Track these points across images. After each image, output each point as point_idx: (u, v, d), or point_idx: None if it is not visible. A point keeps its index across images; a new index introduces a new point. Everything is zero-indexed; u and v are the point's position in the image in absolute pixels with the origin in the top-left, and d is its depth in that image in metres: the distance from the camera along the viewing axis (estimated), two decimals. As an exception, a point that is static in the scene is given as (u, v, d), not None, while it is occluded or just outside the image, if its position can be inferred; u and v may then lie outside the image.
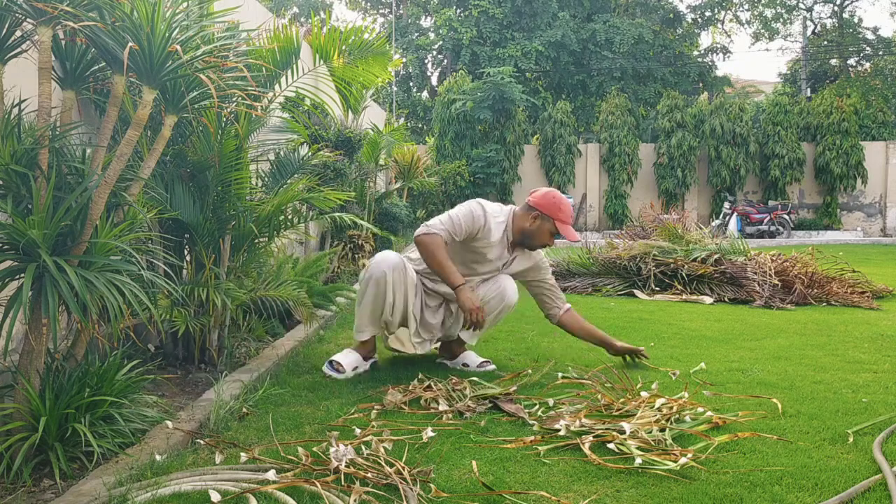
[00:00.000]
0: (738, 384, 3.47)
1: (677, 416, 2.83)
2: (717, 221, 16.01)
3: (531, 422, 2.84)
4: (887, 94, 23.36)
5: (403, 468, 2.31)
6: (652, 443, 2.54)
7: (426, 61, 25.92)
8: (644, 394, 3.08)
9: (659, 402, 2.93)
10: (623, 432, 2.62)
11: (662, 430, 2.67)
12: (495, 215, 3.69)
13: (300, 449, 2.49)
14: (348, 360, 3.69)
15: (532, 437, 2.67)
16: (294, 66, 4.16)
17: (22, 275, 2.23)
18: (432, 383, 3.37)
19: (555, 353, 4.16)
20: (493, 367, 3.80)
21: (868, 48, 26.12)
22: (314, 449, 2.53)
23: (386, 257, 3.69)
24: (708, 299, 6.35)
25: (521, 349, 4.30)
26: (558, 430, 2.71)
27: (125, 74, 2.52)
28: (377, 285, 3.62)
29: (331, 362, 3.68)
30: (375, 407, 3.06)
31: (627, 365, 3.81)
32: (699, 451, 2.49)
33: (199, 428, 2.76)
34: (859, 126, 18.29)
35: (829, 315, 5.62)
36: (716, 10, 26.72)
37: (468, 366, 3.82)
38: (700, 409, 2.92)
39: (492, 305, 3.74)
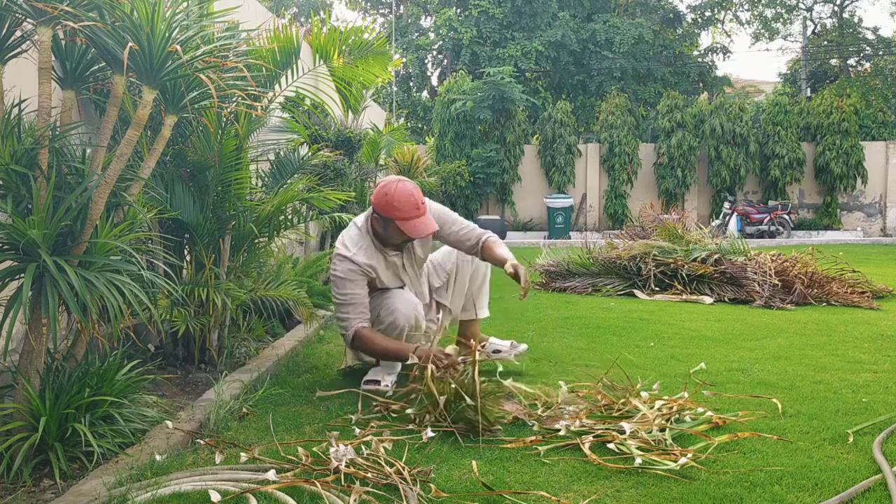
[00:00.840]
0: (738, 384, 3.47)
1: (677, 416, 2.83)
2: (717, 221, 16.01)
3: (531, 422, 2.84)
4: (887, 94, 23.36)
5: (403, 468, 2.31)
6: (652, 443, 2.54)
7: (426, 61, 25.92)
8: (644, 394, 3.07)
9: (658, 403, 2.92)
10: (623, 432, 2.62)
11: (662, 430, 2.67)
12: (355, 246, 3.41)
13: (300, 449, 2.49)
14: (389, 378, 3.44)
15: (532, 437, 2.67)
16: (294, 66, 4.16)
17: (22, 275, 2.23)
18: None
19: (554, 352, 4.16)
20: (524, 346, 3.86)
21: (868, 48, 26.12)
22: (314, 449, 2.53)
23: (404, 307, 3.43)
24: (708, 299, 6.35)
25: (521, 349, 4.30)
26: (558, 430, 2.71)
27: (125, 74, 2.52)
28: (406, 331, 3.43)
29: (373, 381, 3.42)
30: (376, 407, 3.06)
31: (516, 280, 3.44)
32: (699, 451, 2.50)
33: (199, 428, 2.76)
34: (859, 126, 18.28)
35: (829, 315, 5.62)
36: (716, 10, 26.71)
37: (500, 351, 3.83)
38: (700, 410, 2.92)
39: (462, 284, 3.74)
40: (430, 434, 2.69)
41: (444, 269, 3.80)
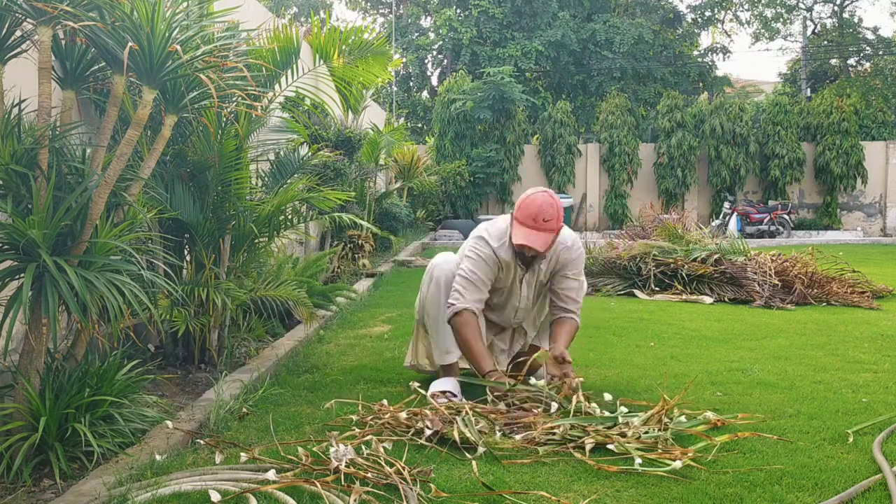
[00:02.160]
0: (738, 384, 3.47)
1: (680, 416, 2.82)
2: (717, 221, 15.99)
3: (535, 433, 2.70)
4: (887, 94, 23.35)
5: (403, 468, 2.31)
6: (652, 443, 2.54)
7: (426, 61, 25.90)
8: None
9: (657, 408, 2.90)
10: (624, 434, 2.60)
11: (665, 429, 2.66)
12: (502, 239, 3.30)
13: (300, 449, 2.49)
14: (454, 386, 3.25)
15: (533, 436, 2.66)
16: (294, 66, 4.16)
17: (22, 275, 2.23)
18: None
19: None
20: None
21: (868, 48, 26.11)
22: (314, 449, 2.53)
23: (450, 259, 3.40)
24: (708, 299, 6.35)
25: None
26: (555, 434, 2.67)
27: (125, 74, 2.52)
28: (444, 284, 3.33)
29: (443, 393, 3.19)
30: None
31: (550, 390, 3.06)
32: (700, 451, 2.49)
33: (199, 428, 2.76)
34: (859, 126, 18.27)
35: (829, 315, 5.62)
36: (716, 10, 26.70)
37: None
38: (703, 415, 2.91)
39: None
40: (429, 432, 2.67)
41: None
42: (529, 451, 2.55)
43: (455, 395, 3.15)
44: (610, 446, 2.54)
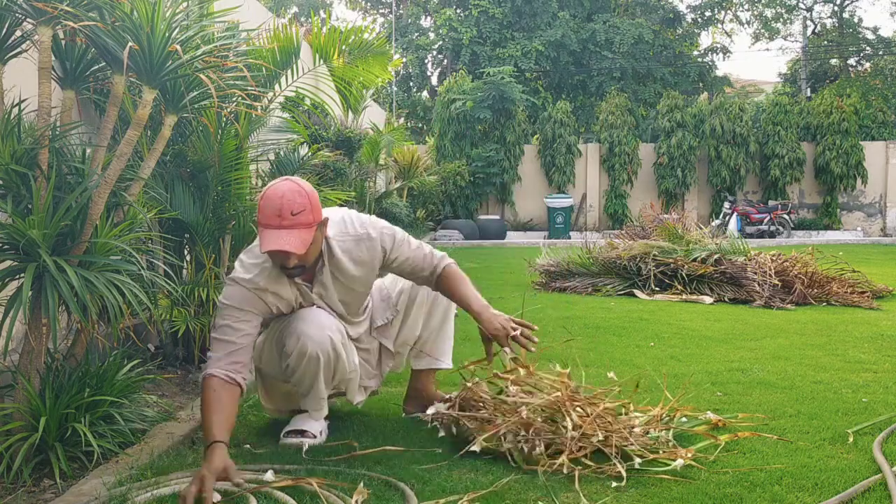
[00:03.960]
0: (738, 384, 3.47)
1: (681, 417, 2.82)
2: (717, 221, 16.00)
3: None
4: (887, 94, 23.35)
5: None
6: (654, 443, 2.53)
7: (426, 61, 25.91)
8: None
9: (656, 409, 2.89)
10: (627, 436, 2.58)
11: (667, 430, 2.65)
12: (255, 266, 2.53)
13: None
14: (317, 426, 2.71)
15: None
16: (294, 66, 4.16)
17: (22, 275, 2.23)
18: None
19: (554, 352, 4.14)
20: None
21: (868, 48, 26.12)
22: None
23: (316, 332, 2.56)
24: (708, 299, 6.35)
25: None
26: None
27: (125, 74, 2.52)
28: (329, 358, 2.60)
29: (297, 431, 2.68)
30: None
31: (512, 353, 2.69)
32: (702, 451, 2.49)
33: (199, 428, 2.76)
34: (859, 126, 18.27)
35: (829, 315, 5.62)
36: (716, 10, 26.71)
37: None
38: (704, 415, 2.91)
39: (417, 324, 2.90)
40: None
41: (390, 302, 2.91)
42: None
43: (305, 433, 2.65)
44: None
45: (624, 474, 2.28)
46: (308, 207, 2.42)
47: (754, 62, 73.40)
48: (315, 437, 2.65)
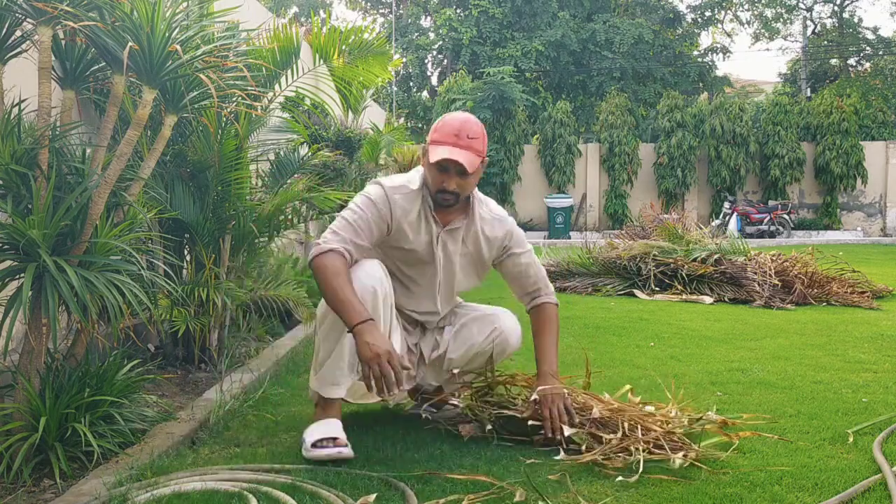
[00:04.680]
0: (738, 384, 3.47)
1: (683, 418, 2.81)
2: (717, 221, 16.00)
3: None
4: (887, 94, 23.36)
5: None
6: (667, 439, 2.52)
7: (426, 61, 25.91)
8: (649, 408, 2.97)
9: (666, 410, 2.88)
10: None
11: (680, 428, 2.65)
12: (403, 186, 2.58)
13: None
14: (338, 430, 2.51)
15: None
16: (294, 66, 4.16)
17: (22, 275, 2.23)
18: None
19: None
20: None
21: (868, 48, 26.12)
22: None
23: (370, 269, 2.51)
24: (708, 299, 6.35)
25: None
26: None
27: (125, 74, 2.52)
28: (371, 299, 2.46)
29: (320, 442, 2.45)
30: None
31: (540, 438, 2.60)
32: (717, 448, 2.49)
33: (199, 428, 2.76)
34: (859, 126, 18.28)
35: (829, 315, 5.62)
36: (716, 10, 26.71)
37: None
38: (706, 415, 2.90)
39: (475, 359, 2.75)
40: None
41: (456, 329, 2.80)
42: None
43: (343, 446, 2.43)
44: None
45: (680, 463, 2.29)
46: (482, 137, 2.55)
47: (754, 62, 73.42)
48: (347, 444, 2.44)
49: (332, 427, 2.48)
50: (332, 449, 2.41)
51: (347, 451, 2.42)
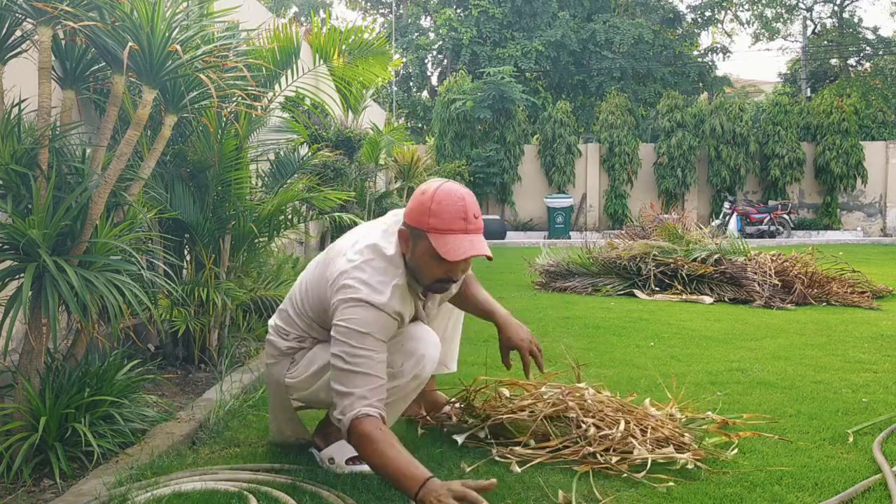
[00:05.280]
0: (738, 384, 3.47)
1: (682, 417, 2.82)
2: (717, 221, 16.00)
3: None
4: (887, 94, 23.35)
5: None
6: (674, 441, 2.52)
7: (426, 61, 25.91)
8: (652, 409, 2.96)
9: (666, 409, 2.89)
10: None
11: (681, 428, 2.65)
12: (385, 286, 2.19)
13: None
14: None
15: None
16: (294, 66, 4.16)
17: (22, 275, 2.23)
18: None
19: (555, 352, 4.15)
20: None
21: (868, 48, 26.12)
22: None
23: (434, 351, 2.37)
24: (708, 299, 6.35)
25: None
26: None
27: (125, 74, 2.52)
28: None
29: (354, 459, 2.39)
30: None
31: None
32: (718, 447, 2.49)
33: (199, 428, 2.76)
34: (859, 126, 18.28)
35: (829, 315, 5.62)
36: (716, 10, 26.71)
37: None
38: (706, 415, 2.91)
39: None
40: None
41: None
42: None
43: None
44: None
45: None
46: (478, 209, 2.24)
47: (754, 62, 73.39)
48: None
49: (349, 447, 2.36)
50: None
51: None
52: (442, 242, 2.12)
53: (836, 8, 26.72)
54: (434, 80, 26.27)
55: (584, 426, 2.56)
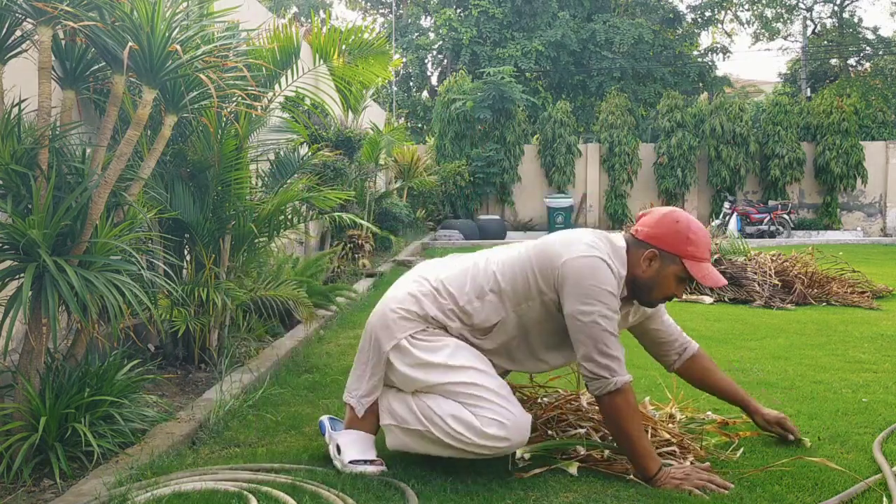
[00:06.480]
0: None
1: (682, 417, 2.82)
2: (718, 221, 15.99)
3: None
4: (887, 94, 23.35)
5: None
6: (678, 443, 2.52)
7: (426, 61, 25.90)
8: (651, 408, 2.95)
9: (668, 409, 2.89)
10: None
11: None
12: (619, 271, 2.37)
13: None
14: (373, 449, 2.45)
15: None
16: (294, 66, 4.16)
17: (22, 275, 2.23)
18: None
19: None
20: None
21: (868, 48, 26.12)
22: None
23: (524, 429, 2.31)
24: (708, 299, 6.35)
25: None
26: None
27: (125, 74, 2.52)
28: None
29: (358, 461, 2.38)
30: None
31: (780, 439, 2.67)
32: (718, 448, 2.50)
33: (199, 428, 2.76)
34: (859, 126, 18.27)
35: (829, 315, 5.62)
36: (716, 10, 26.71)
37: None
38: (706, 415, 2.91)
39: None
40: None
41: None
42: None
43: (381, 464, 2.39)
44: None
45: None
46: None
47: (754, 62, 73.38)
48: (382, 464, 2.39)
49: (368, 444, 2.43)
50: (376, 467, 2.36)
51: (384, 468, 2.38)
52: (698, 269, 2.36)
53: (836, 8, 26.72)
54: (434, 80, 26.26)
55: (582, 430, 2.56)
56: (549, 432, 2.60)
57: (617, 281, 2.31)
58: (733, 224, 15.81)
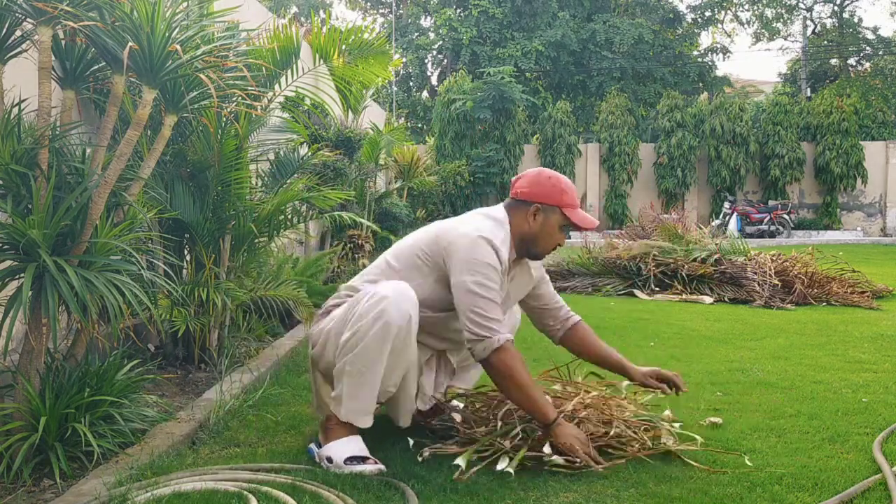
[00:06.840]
0: (738, 384, 3.47)
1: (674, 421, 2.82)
2: (717, 221, 16.01)
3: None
4: (887, 94, 23.35)
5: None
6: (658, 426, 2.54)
7: (426, 61, 25.91)
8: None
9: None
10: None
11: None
12: (498, 239, 2.54)
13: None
14: (363, 448, 2.48)
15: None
16: (294, 66, 4.16)
17: (22, 275, 2.23)
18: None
19: (555, 352, 4.14)
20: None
21: (868, 48, 26.12)
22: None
23: (405, 294, 2.43)
24: (708, 299, 6.35)
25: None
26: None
27: (125, 74, 2.52)
28: (401, 338, 2.40)
29: (353, 459, 2.41)
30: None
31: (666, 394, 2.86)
32: (720, 445, 2.50)
33: (199, 428, 2.76)
34: (859, 126, 18.28)
35: (829, 315, 5.62)
36: (716, 10, 26.71)
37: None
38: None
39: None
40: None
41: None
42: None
43: (376, 462, 2.41)
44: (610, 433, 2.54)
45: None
46: None
47: (754, 62, 73.40)
48: (377, 462, 2.40)
49: (360, 444, 2.46)
50: (374, 465, 2.39)
51: (381, 466, 2.40)
52: (574, 214, 2.64)
53: (836, 8, 26.72)
54: (434, 80, 26.27)
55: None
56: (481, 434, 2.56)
57: (497, 255, 2.50)
58: (733, 224, 15.82)
